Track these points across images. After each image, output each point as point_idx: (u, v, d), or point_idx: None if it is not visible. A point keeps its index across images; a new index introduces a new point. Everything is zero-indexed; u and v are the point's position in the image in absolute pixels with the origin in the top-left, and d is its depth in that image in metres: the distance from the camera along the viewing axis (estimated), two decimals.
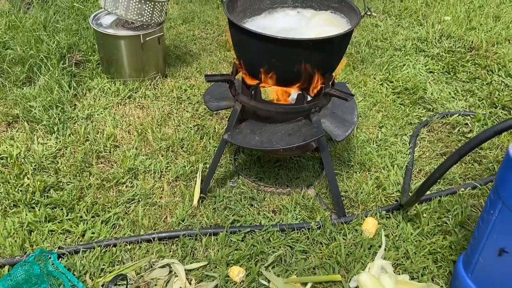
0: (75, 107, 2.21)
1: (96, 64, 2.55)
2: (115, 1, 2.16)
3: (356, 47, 2.90)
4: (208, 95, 1.77)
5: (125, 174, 1.80)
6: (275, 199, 1.72)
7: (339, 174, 1.83)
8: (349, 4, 1.58)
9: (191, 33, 3.12)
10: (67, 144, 1.95)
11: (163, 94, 2.36)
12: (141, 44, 2.29)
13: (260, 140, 1.53)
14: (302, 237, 1.55)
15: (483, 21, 3.21)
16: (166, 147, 1.95)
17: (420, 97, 2.36)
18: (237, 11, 1.62)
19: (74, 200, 1.66)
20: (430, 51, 2.84)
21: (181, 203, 1.67)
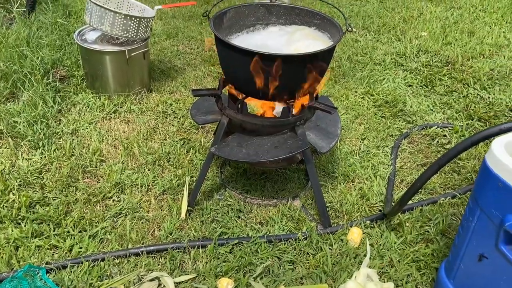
0: (59, 122, 2.21)
1: (80, 79, 2.55)
2: (100, 17, 2.19)
3: (337, 62, 2.98)
4: (195, 109, 1.79)
5: (112, 188, 1.80)
6: (261, 211, 1.74)
7: (324, 185, 1.87)
8: (331, 21, 1.64)
9: (175, 48, 3.16)
10: (52, 159, 1.94)
11: (149, 108, 2.37)
12: (126, 59, 2.31)
13: (247, 152, 1.56)
14: (289, 248, 1.57)
15: (458, 37, 3.34)
16: (152, 161, 1.96)
17: (400, 109, 2.44)
18: (223, 27, 1.66)
19: (61, 215, 1.66)
20: (409, 66, 2.93)
21: (169, 216, 1.68)
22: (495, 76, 2.77)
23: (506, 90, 2.62)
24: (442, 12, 3.88)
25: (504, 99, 2.52)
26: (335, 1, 4.24)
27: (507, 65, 2.91)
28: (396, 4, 4.11)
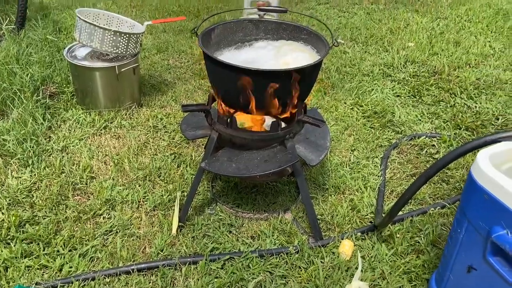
0: (49, 139, 2.20)
1: (70, 95, 2.55)
2: (90, 34, 2.20)
3: (326, 73, 3.01)
4: (185, 124, 1.80)
5: (102, 205, 1.79)
6: (253, 225, 1.74)
7: (314, 197, 1.88)
8: (318, 36, 1.66)
9: (165, 63, 3.17)
10: (42, 177, 1.93)
11: (139, 123, 2.38)
12: (116, 75, 2.32)
13: (237, 167, 1.57)
14: (281, 262, 1.57)
15: (445, 47, 3.40)
16: (143, 177, 1.96)
17: (389, 120, 2.47)
18: (212, 43, 1.68)
19: (51, 234, 1.64)
20: (396, 76, 2.97)
21: (160, 233, 1.68)
22: (481, 85, 2.82)
23: (493, 99, 2.67)
24: (428, 23, 3.94)
25: (491, 108, 2.56)
26: (323, 13, 4.30)
27: (492, 74, 2.96)
28: (383, 15, 4.18)
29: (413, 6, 4.48)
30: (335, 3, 4.61)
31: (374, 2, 4.64)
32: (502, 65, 3.14)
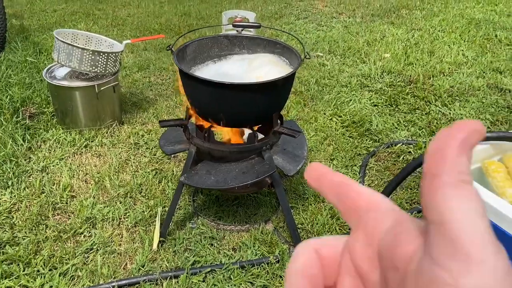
0: (29, 160, 2.20)
1: (50, 115, 2.56)
2: (68, 54, 2.22)
3: (305, 86, 3.07)
4: (163, 140, 1.82)
5: (83, 224, 1.79)
6: (234, 237, 1.76)
7: (295, 207, 1.90)
8: (291, 49, 1.71)
9: (147, 80, 3.20)
10: (22, 198, 1.93)
11: (120, 141, 2.39)
12: (96, 93, 2.34)
13: (215, 180, 1.59)
14: (262, 272, 1.59)
15: (419, 57, 3.50)
16: (124, 194, 1.97)
17: (367, 129, 2.52)
18: (187, 59, 1.72)
19: (31, 254, 1.64)
20: (374, 86, 3.04)
21: (141, 249, 1.68)
22: (455, 92, 2.90)
23: (466, 105, 2.75)
24: (404, 34, 4.06)
25: (464, 114, 2.64)
26: (302, 27, 4.39)
27: (466, 82, 3.05)
28: (360, 28, 4.28)
29: (389, 19, 4.61)
30: (314, 18, 4.72)
31: (351, 16, 4.76)
32: (475, 72, 3.24)
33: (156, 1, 5.37)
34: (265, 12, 4.91)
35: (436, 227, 0.20)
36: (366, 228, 0.25)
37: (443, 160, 0.20)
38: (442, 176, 0.20)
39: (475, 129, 0.20)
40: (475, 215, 0.19)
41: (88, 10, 4.94)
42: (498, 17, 4.55)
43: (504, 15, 4.62)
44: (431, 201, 0.20)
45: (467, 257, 0.18)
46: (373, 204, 0.25)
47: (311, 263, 0.26)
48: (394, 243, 0.22)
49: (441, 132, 0.21)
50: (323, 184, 0.27)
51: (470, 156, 0.20)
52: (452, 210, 0.19)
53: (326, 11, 4.98)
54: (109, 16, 4.71)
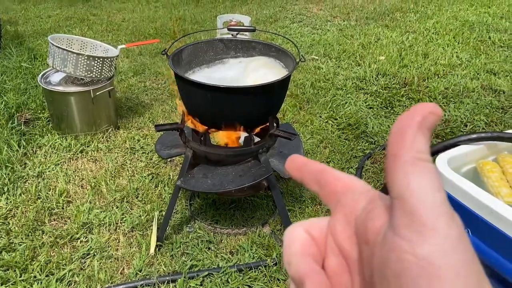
0: (25, 166, 2.19)
1: (46, 121, 2.55)
2: (63, 59, 2.22)
3: (301, 89, 3.08)
4: (160, 144, 1.82)
5: (79, 229, 1.79)
6: (232, 240, 1.76)
7: (292, 210, 1.90)
8: (286, 52, 1.72)
9: (142, 85, 3.20)
10: (18, 204, 1.92)
11: (116, 145, 2.38)
12: (91, 98, 2.33)
13: (212, 183, 1.59)
14: (259, 275, 1.59)
15: (414, 59, 3.52)
16: (120, 198, 1.96)
17: (363, 131, 2.53)
18: (183, 63, 1.72)
19: (27, 260, 1.63)
20: (369, 89, 3.06)
21: (138, 253, 1.67)
22: (450, 94, 2.92)
23: (461, 107, 2.76)
24: (398, 37, 4.08)
25: (459, 115, 2.66)
26: (297, 31, 4.41)
27: (460, 83, 3.07)
28: (354, 31, 4.31)
29: (383, 22, 4.64)
30: (309, 21, 4.74)
31: (345, 19, 4.79)
32: (469, 74, 3.26)
33: (151, 6, 5.38)
34: (260, 16, 4.93)
35: (397, 202, 0.21)
36: (345, 209, 0.26)
37: (402, 141, 0.22)
38: (402, 155, 0.22)
39: (431, 111, 0.22)
40: (430, 189, 0.21)
41: (82, 15, 4.94)
42: (492, 19, 4.59)
43: (497, 17, 4.66)
44: (393, 178, 0.22)
45: (422, 227, 0.20)
46: (350, 186, 0.27)
47: (308, 242, 0.28)
48: (366, 219, 0.24)
49: (402, 116, 0.22)
50: (304, 174, 0.29)
51: (427, 136, 0.22)
52: (409, 185, 0.21)
53: (320, 14, 5.00)
54: (104, 21, 4.71)
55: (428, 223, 0.20)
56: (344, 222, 0.26)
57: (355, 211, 0.26)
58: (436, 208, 0.20)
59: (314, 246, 0.27)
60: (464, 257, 0.20)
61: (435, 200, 0.20)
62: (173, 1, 5.62)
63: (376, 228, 0.23)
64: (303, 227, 0.28)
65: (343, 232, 0.26)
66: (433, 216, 0.20)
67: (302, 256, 0.27)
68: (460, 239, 0.20)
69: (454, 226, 0.20)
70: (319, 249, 0.27)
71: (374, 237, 0.23)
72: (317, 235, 0.28)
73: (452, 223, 0.20)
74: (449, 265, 0.19)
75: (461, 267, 0.20)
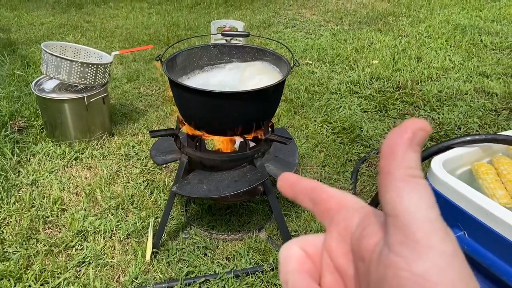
0: (19, 174, 2.17)
1: (40, 128, 2.53)
2: (57, 66, 2.21)
3: (296, 93, 3.08)
4: (155, 150, 1.81)
5: (74, 237, 1.77)
6: (228, 246, 1.75)
7: (288, 214, 1.90)
8: (280, 57, 1.72)
9: (136, 91, 3.19)
10: (11, 212, 1.90)
11: (111, 152, 2.37)
12: (85, 105, 2.32)
13: (208, 188, 1.59)
14: (256, 281, 1.58)
15: (407, 63, 3.54)
16: (115, 205, 1.95)
17: (357, 135, 2.54)
18: (177, 69, 1.72)
19: (22, 269, 1.61)
20: (363, 92, 3.07)
21: (134, 261, 1.66)
22: (443, 97, 2.94)
23: (454, 109, 2.78)
24: (391, 41, 4.11)
25: (453, 118, 2.67)
26: (290, 36, 4.42)
27: (453, 86, 3.09)
28: (347, 35, 4.33)
29: (376, 26, 4.67)
30: (302, 26, 4.76)
31: (338, 24, 4.81)
32: (462, 77, 3.29)
33: (144, 12, 5.39)
34: (253, 21, 4.95)
35: (390, 219, 0.21)
36: (339, 227, 0.26)
37: (393, 158, 0.22)
38: (393, 172, 0.22)
39: (420, 127, 0.22)
40: (423, 205, 0.21)
41: (76, 22, 4.93)
42: (483, 22, 4.64)
43: (489, 20, 4.71)
44: (385, 195, 0.22)
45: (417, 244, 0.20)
46: (343, 203, 0.27)
47: (304, 259, 0.28)
48: (361, 236, 0.24)
49: (391, 132, 0.22)
50: (296, 192, 0.29)
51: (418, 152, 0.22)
52: (402, 202, 0.21)
53: (314, 19, 5.03)
54: (97, 28, 4.70)
55: (422, 240, 0.20)
56: (339, 240, 0.26)
57: (349, 228, 0.26)
58: (429, 224, 0.20)
59: (310, 263, 0.28)
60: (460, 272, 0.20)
61: (429, 217, 0.21)
62: (166, 7, 5.63)
63: (371, 245, 0.23)
64: (298, 244, 0.29)
65: (338, 249, 0.26)
66: (427, 232, 0.20)
67: (299, 273, 0.27)
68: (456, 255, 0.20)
69: (448, 242, 0.21)
70: (315, 266, 0.28)
71: (370, 255, 0.23)
72: (313, 252, 0.28)
73: (447, 239, 0.21)
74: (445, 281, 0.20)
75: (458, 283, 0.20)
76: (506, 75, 3.29)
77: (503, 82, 3.17)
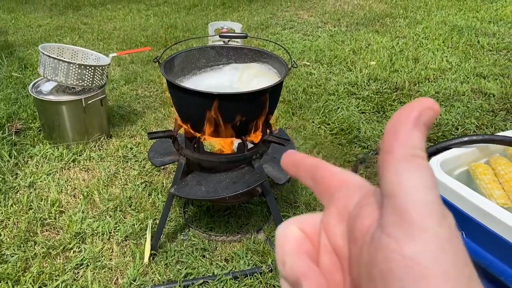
0: (16, 176, 2.16)
1: (37, 131, 2.53)
2: (54, 68, 2.20)
3: (293, 95, 3.09)
4: (153, 152, 1.81)
5: (72, 239, 1.77)
6: (226, 247, 1.75)
7: (286, 215, 1.90)
8: (278, 58, 1.72)
9: (134, 93, 3.19)
10: (9, 215, 1.89)
11: (109, 154, 2.37)
12: (83, 107, 2.32)
13: (206, 190, 1.59)
14: (255, 282, 1.58)
15: (404, 64, 3.55)
16: (113, 207, 1.95)
17: (355, 136, 2.54)
18: (175, 71, 1.72)
19: (19, 271, 1.60)
20: (361, 94, 3.08)
21: (132, 263, 1.66)
22: (440, 98, 2.95)
23: (451, 110, 2.79)
24: (388, 42, 4.12)
25: (450, 119, 2.68)
26: (288, 37, 4.43)
27: (450, 87, 3.10)
28: (345, 37, 4.34)
29: (373, 27, 4.68)
30: (300, 28, 4.77)
31: (336, 25, 4.82)
32: (459, 78, 3.30)
33: (142, 14, 5.39)
34: (251, 23, 4.95)
35: (387, 199, 0.21)
36: (338, 204, 0.25)
37: (396, 137, 0.21)
38: (394, 152, 0.21)
39: (428, 106, 0.21)
40: (423, 187, 0.20)
41: (73, 24, 4.93)
42: (480, 23, 4.65)
43: (486, 21, 4.73)
44: (384, 175, 0.21)
45: (411, 226, 0.19)
46: (345, 181, 0.26)
47: (302, 240, 0.26)
48: (356, 216, 0.23)
49: (398, 112, 0.22)
50: (299, 169, 0.28)
51: (424, 132, 0.21)
52: (400, 182, 0.20)
53: (311, 21, 5.03)
54: (95, 30, 4.70)
55: (417, 222, 0.19)
56: (337, 218, 0.25)
57: (348, 206, 0.24)
58: (427, 206, 0.19)
59: (309, 244, 0.26)
60: (455, 258, 0.19)
61: (427, 199, 0.20)
62: (164, 9, 5.63)
63: (364, 226, 0.22)
64: (296, 224, 0.27)
65: (336, 228, 0.25)
66: (423, 214, 0.19)
67: (298, 254, 0.26)
68: (451, 240, 0.19)
69: (445, 225, 0.20)
70: (314, 246, 0.26)
71: (363, 236, 0.22)
72: (311, 231, 0.27)
73: (443, 222, 0.20)
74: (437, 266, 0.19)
75: (451, 269, 0.19)
76: (503, 76, 3.30)
77: (500, 83, 3.18)
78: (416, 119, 0.21)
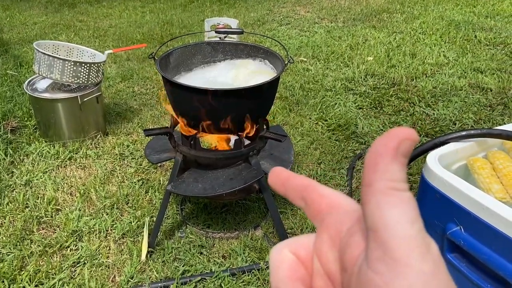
0: (12, 175, 2.15)
1: (33, 129, 2.51)
2: (49, 66, 2.19)
3: (290, 91, 3.07)
4: (149, 149, 1.80)
5: (69, 237, 1.76)
6: (224, 244, 1.74)
7: (284, 212, 1.89)
8: (274, 54, 1.71)
9: (130, 90, 3.17)
10: (5, 213, 1.88)
11: (105, 152, 2.36)
12: (79, 105, 2.30)
13: (203, 187, 1.58)
14: (253, 279, 1.57)
15: (402, 59, 3.54)
16: (110, 205, 1.93)
17: (353, 132, 2.53)
18: (170, 67, 1.71)
19: (16, 270, 1.59)
20: (358, 89, 3.07)
21: (129, 260, 1.65)
22: (438, 93, 2.94)
23: (449, 105, 2.79)
24: (385, 37, 4.11)
25: (448, 114, 2.68)
26: (285, 33, 4.41)
27: (448, 82, 3.10)
28: (342, 33, 4.32)
29: (370, 23, 4.66)
30: (296, 24, 4.75)
31: (333, 21, 4.81)
32: (457, 72, 3.29)
33: (137, 11, 5.36)
34: (247, 19, 4.93)
35: (371, 232, 0.20)
36: (329, 230, 0.25)
37: (375, 170, 0.21)
38: (375, 185, 0.21)
39: (406, 137, 0.21)
40: (405, 221, 0.20)
41: (69, 22, 4.89)
42: (477, 18, 4.65)
43: (483, 16, 4.72)
44: (366, 208, 0.21)
45: (395, 262, 0.19)
46: (335, 205, 0.25)
47: (295, 265, 0.26)
48: (346, 245, 0.23)
49: (376, 142, 0.21)
50: (288, 189, 0.27)
51: (403, 163, 0.21)
52: (382, 216, 0.20)
53: (308, 16, 5.02)
54: (91, 27, 4.67)
55: (401, 258, 0.19)
56: (329, 244, 0.25)
57: (339, 232, 0.24)
58: (409, 241, 0.19)
59: (302, 269, 0.26)
60: None
61: (410, 233, 0.20)
62: (160, 6, 5.60)
63: (353, 257, 0.22)
64: (289, 248, 0.27)
65: (328, 254, 0.25)
66: (406, 250, 0.19)
67: (291, 281, 0.26)
68: (436, 275, 0.19)
69: (428, 259, 0.20)
70: (307, 271, 0.26)
71: (351, 266, 0.22)
72: (304, 256, 0.27)
73: (427, 257, 0.20)
74: None
75: None
76: (500, 70, 3.29)
77: (497, 77, 3.18)
78: (395, 151, 0.21)
